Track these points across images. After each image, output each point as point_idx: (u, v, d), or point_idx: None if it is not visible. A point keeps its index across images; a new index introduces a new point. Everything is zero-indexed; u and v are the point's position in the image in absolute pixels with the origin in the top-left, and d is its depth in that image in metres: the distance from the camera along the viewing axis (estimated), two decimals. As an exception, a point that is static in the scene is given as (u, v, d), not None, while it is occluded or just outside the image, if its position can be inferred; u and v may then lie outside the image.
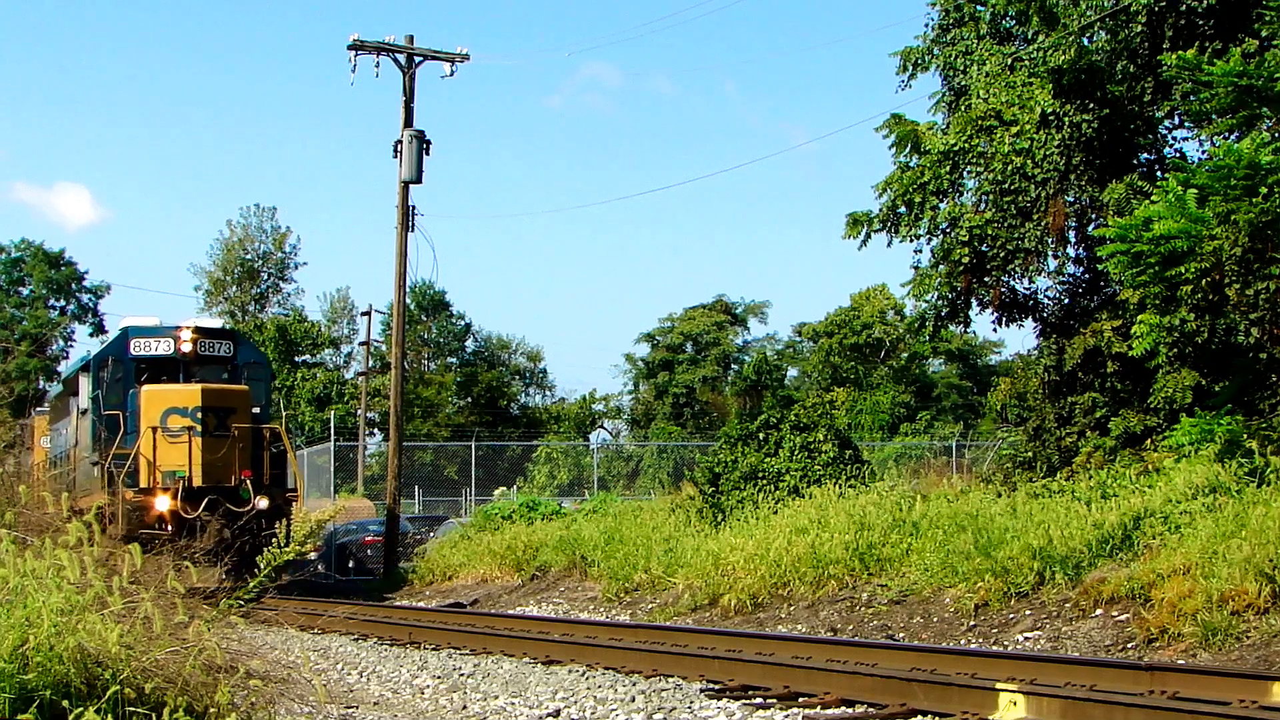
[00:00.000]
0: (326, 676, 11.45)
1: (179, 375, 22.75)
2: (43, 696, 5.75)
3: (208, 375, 22.87)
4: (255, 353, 25.39)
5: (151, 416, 21.54)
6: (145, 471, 21.37)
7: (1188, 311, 15.88)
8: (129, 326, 23.48)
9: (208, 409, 21.64)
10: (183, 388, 22.20)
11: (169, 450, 21.43)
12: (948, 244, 20.91)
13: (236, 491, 21.53)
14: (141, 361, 22.81)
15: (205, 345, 23.18)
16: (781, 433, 21.27)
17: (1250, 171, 13.80)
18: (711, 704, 9.34)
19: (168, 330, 23.26)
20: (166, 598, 6.53)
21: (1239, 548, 11.61)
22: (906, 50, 23.11)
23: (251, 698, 6.38)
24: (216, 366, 23.26)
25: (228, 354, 23.55)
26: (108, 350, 23.46)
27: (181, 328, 23.24)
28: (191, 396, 21.76)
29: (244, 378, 23.31)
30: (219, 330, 24.42)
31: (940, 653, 10.76)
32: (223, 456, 21.63)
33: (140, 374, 22.69)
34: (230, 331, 25.39)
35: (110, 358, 22.99)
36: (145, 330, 23.28)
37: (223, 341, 23.72)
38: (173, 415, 21.56)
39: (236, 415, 21.97)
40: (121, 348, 23.01)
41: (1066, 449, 20.12)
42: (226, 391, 22.28)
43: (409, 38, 29.27)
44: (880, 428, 58.73)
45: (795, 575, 16.40)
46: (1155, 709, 7.65)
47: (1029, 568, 13.68)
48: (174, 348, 22.86)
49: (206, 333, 23.57)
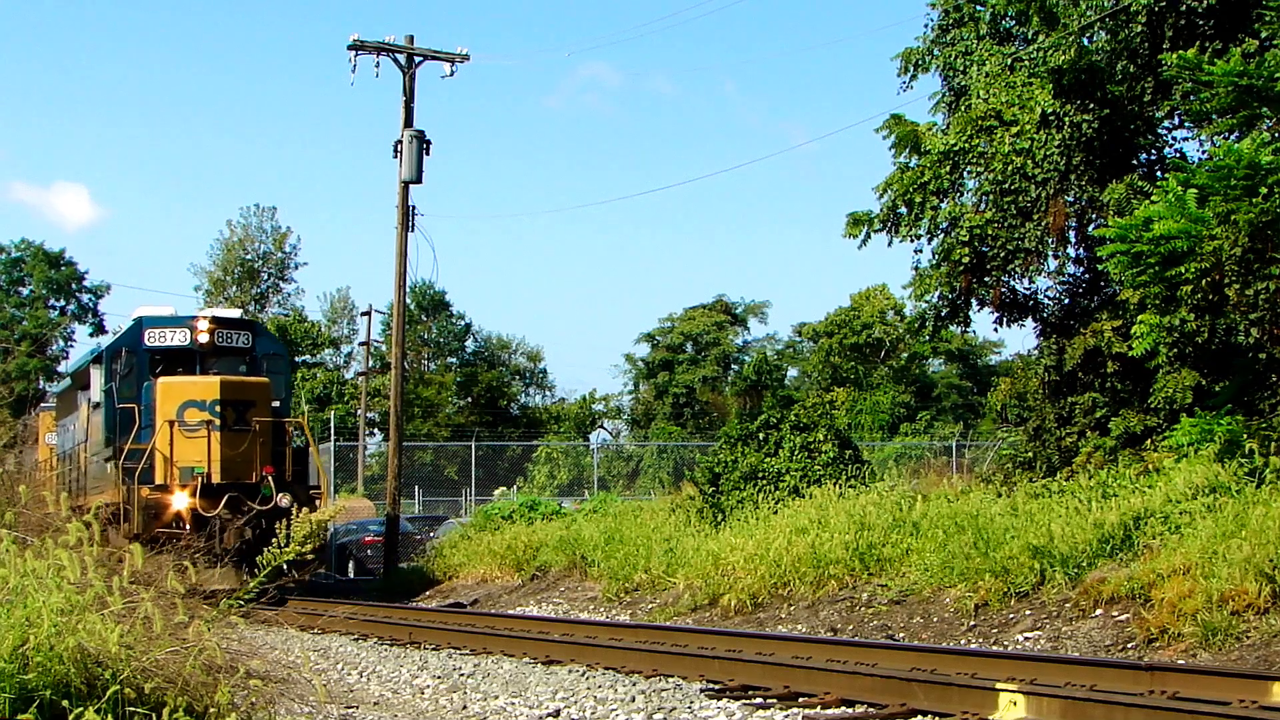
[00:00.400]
0: (326, 676, 11.46)
1: (195, 367, 21.80)
2: (43, 696, 5.76)
3: (225, 367, 21.91)
4: (274, 344, 24.29)
5: (168, 410, 20.64)
6: (161, 468, 20.48)
7: (1188, 311, 15.87)
8: (143, 316, 22.48)
9: (227, 402, 20.69)
10: (200, 380, 21.20)
11: (186, 445, 20.53)
12: (948, 244, 20.91)
13: (257, 489, 20.58)
14: (156, 352, 21.82)
15: (223, 336, 22.19)
16: (781, 433, 21.27)
17: (1250, 171, 13.80)
18: (711, 704, 9.34)
19: (184, 320, 22.39)
20: (167, 598, 6.53)
21: (1239, 548, 11.61)
22: (907, 51, 23.11)
23: (251, 698, 6.38)
24: (234, 358, 22.29)
25: (246, 345, 22.56)
26: (121, 341, 22.43)
27: (198, 317, 22.39)
28: (210, 389, 20.78)
29: (263, 370, 22.35)
30: (237, 320, 23.40)
31: (940, 653, 10.76)
32: (243, 452, 20.69)
33: (155, 366, 21.69)
34: (249, 322, 24.37)
35: (124, 349, 21.95)
36: (160, 320, 22.36)
37: (241, 332, 22.73)
38: (190, 409, 20.66)
39: (256, 409, 21.01)
40: (136, 338, 22.02)
41: (1066, 449, 20.12)
42: (246, 384, 21.28)
43: (409, 38, 29.28)
44: (880, 428, 58.74)
45: (795, 575, 16.40)
46: (1155, 709, 7.65)
47: (1029, 568, 13.68)
48: (190, 338, 21.92)
49: (224, 323, 22.62)
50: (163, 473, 20.44)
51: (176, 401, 20.68)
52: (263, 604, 7.84)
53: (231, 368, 21.98)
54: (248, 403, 20.93)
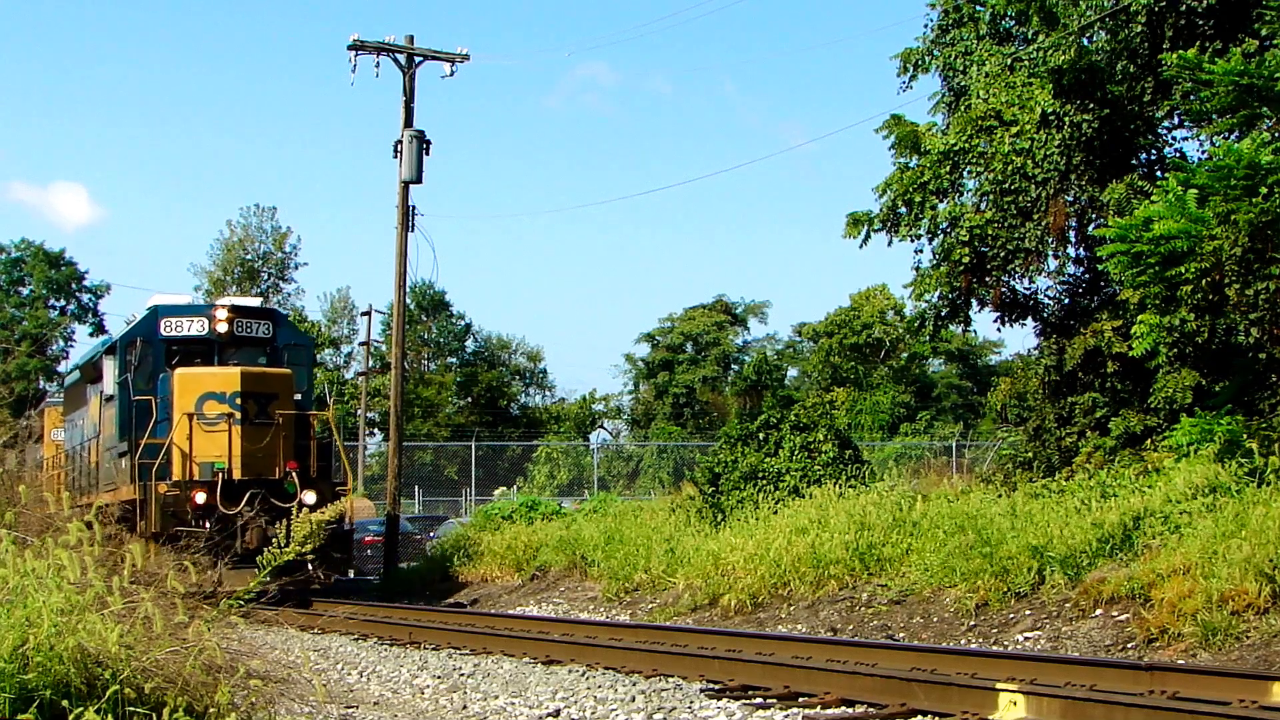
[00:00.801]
0: (326, 676, 11.46)
1: (214, 358, 20.85)
2: (43, 696, 5.76)
3: (245, 359, 20.97)
4: (296, 334, 23.22)
5: (186, 403, 19.73)
6: (180, 463, 19.58)
7: (1188, 311, 15.88)
8: (159, 305, 21.45)
9: (248, 394, 19.80)
10: (220, 371, 20.26)
11: (206, 440, 19.66)
12: (948, 244, 20.92)
13: (281, 485, 19.68)
14: (173, 343, 20.87)
15: (242, 325, 21.17)
16: (781, 433, 21.28)
17: (1250, 171, 13.80)
18: (711, 704, 9.34)
19: (202, 309, 21.50)
20: (167, 598, 6.53)
21: (1239, 548, 11.61)
22: (907, 52, 23.12)
23: (251, 697, 6.38)
24: (254, 349, 21.26)
25: (267, 335, 21.53)
26: (136, 330, 21.40)
27: (217, 306, 21.49)
28: (230, 380, 19.87)
29: (284, 361, 21.34)
30: (257, 309, 22.30)
31: (940, 653, 10.77)
32: (265, 446, 19.78)
33: (171, 357, 20.77)
34: (269, 311, 23.25)
35: (139, 338, 20.99)
36: (177, 309, 21.39)
37: (261, 321, 21.63)
38: (209, 401, 19.77)
39: (279, 401, 20.10)
40: (151, 328, 21.03)
41: (1066, 449, 20.13)
42: (268, 375, 20.35)
43: (409, 38, 29.27)
44: (880, 428, 58.75)
45: (795, 575, 16.40)
46: (1155, 709, 7.65)
47: (1029, 568, 13.68)
48: (209, 328, 20.95)
49: (244, 311, 21.59)
50: (181, 468, 19.62)
51: (195, 394, 19.83)
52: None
53: (251, 359, 21.11)
54: (270, 395, 20.06)
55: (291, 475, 19.82)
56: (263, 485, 19.57)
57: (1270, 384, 16.39)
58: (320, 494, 19.26)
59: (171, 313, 21.20)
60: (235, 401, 19.77)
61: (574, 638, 13.65)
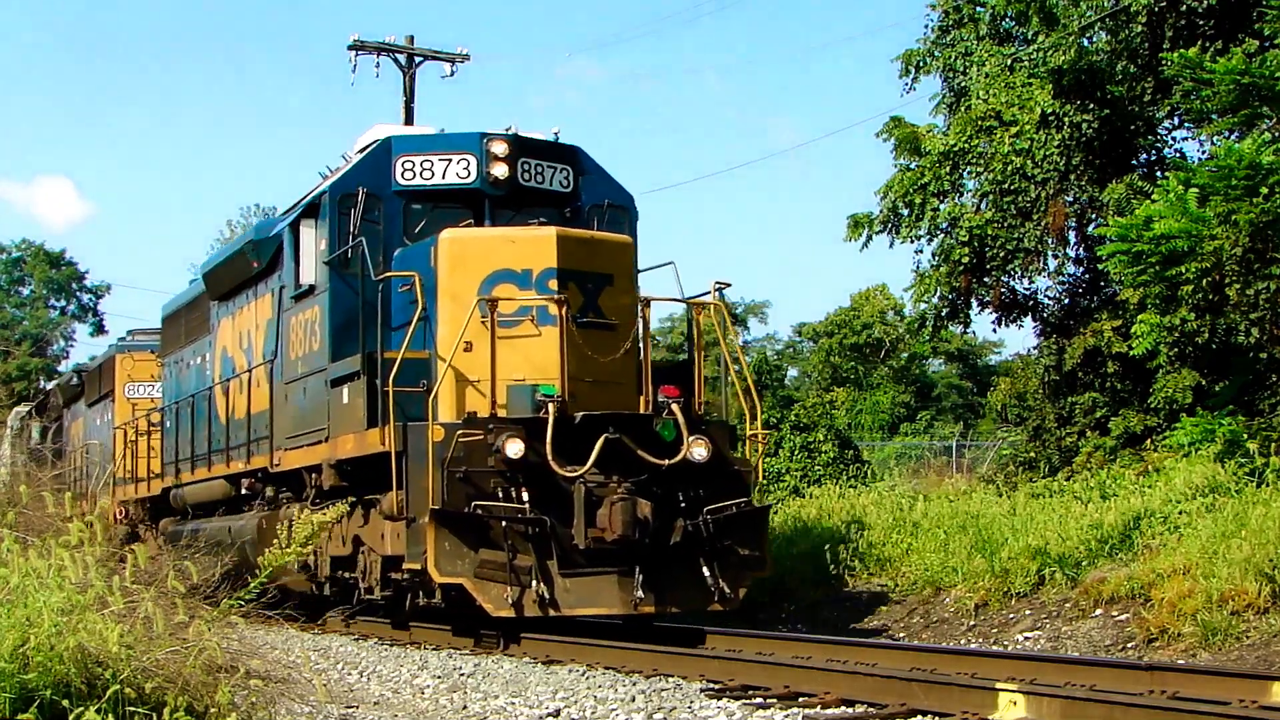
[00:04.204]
0: (327, 676, 11.45)
1: (485, 220, 13.21)
2: (43, 696, 5.76)
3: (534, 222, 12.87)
4: (612, 187, 14.28)
5: (464, 286, 12.06)
6: (458, 392, 11.93)
7: (1188, 311, 15.91)
8: (393, 137, 13.78)
9: (568, 274, 12.08)
10: (521, 233, 12.37)
11: (506, 350, 11.84)
12: (948, 244, 20.93)
13: (648, 426, 11.89)
14: (416, 196, 13.38)
15: (528, 169, 13.42)
16: (781, 433, 21.29)
17: (1251, 171, 13.82)
18: (711, 704, 9.34)
19: (464, 142, 13.34)
20: (167, 597, 6.54)
21: (1239, 548, 11.62)
22: (908, 53, 23.15)
23: (252, 697, 6.38)
24: (547, 209, 13.34)
25: (565, 188, 13.75)
26: (352, 177, 13.45)
27: (491, 137, 13.27)
28: (538, 250, 12.07)
29: (597, 227, 13.59)
30: (552, 145, 13.90)
31: (940, 653, 10.77)
32: (611, 364, 12.10)
33: (413, 219, 13.42)
34: (571, 150, 14.05)
35: (362, 189, 13.23)
36: (422, 142, 13.59)
37: (559, 168, 13.71)
38: (502, 284, 12.03)
39: (614, 288, 12.44)
40: (382, 171, 13.38)
41: (1067, 449, 20.14)
42: (600, 242, 12.80)
43: (409, 38, 29.25)
44: (880, 428, 58.71)
45: (794, 575, 16.40)
46: (1155, 709, 7.65)
47: (1029, 568, 13.69)
48: (476, 170, 13.19)
49: (531, 148, 13.56)
50: (470, 397, 11.97)
51: (477, 273, 12.13)
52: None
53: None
54: (603, 276, 12.44)
55: (671, 408, 11.92)
56: (620, 425, 11.66)
57: (1270, 384, 16.41)
58: (714, 444, 12.06)
59: (412, 146, 13.49)
60: (547, 285, 11.99)
61: (574, 637, 13.62)
